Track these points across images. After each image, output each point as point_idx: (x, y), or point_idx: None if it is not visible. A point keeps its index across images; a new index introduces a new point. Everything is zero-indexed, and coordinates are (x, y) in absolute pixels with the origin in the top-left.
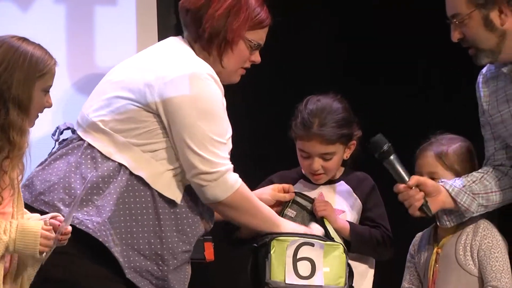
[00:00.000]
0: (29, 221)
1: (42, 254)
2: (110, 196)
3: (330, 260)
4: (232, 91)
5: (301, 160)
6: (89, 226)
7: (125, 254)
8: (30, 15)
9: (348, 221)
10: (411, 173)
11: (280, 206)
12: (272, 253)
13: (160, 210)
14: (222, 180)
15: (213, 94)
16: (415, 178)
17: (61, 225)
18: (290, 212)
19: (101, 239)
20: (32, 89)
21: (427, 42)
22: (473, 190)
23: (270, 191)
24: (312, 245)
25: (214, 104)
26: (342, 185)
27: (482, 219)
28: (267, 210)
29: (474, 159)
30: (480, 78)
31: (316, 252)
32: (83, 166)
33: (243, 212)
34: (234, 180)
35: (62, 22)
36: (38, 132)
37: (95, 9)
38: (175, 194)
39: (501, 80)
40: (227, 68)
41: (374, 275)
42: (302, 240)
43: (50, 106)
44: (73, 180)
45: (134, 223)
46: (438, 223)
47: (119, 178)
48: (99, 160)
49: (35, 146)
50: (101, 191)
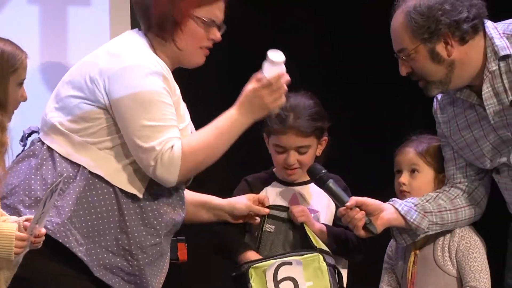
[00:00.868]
0: (3, 223)
1: (16, 256)
2: (70, 196)
3: (311, 273)
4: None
5: (275, 156)
6: (48, 227)
7: (92, 252)
8: (3, 16)
9: (324, 223)
10: (389, 169)
11: (253, 217)
12: (252, 282)
13: (123, 206)
14: (165, 161)
15: (153, 85)
16: (354, 199)
17: (34, 227)
18: (269, 227)
19: (60, 240)
20: (7, 85)
21: None
22: (425, 208)
23: (246, 202)
24: (290, 263)
25: (153, 94)
26: (314, 186)
27: None
28: (217, 129)
29: None
30: (436, 105)
31: (295, 269)
32: (44, 168)
33: (207, 157)
34: (175, 153)
35: (35, 23)
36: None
37: (69, 9)
38: (136, 188)
39: (458, 105)
40: (185, 50)
41: (348, 276)
42: (279, 261)
43: (25, 99)
44: (33, 182)
45: (98, 221)
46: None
47: (78, 178)
48: (58, 161)
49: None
50: (61, 192)
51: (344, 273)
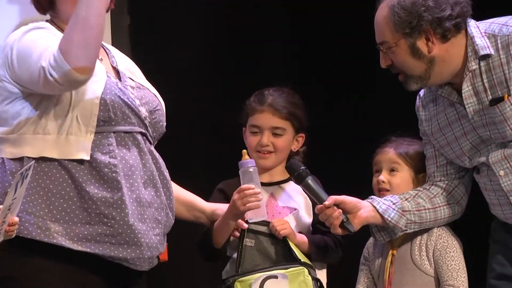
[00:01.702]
0: None
1: None
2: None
3: (296, 287)
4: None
5: (250, 139)
6: None
7: (68, 231)
8: None
9: (304, 234)
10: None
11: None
12: None
13: (76, 175)
14: (52, 62)
15: (34, 32)
16: (333, 198)
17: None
18: (249, 241)
19: (21, 235)
20: None
21: None
22: (403, 207)
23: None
24: (275, 277)
25: (31, 36)
26: (292, 184)
27: None
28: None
29: None
30: (418, 102)
31: (281, 283)
32: None
33: (81, 33)
34: (54, 50)
35: (15, 23)
36: None
37: None
38: (82, 152)
39: (440, 103)
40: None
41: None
42: (265, 274)
43: None
44: None
45: (59, 201)
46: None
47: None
48: (7, 163)
49: None
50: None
51: (323, 273)
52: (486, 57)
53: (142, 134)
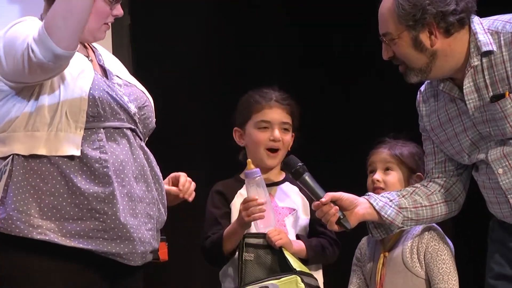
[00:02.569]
0: None
1: None
2: (9, 188)
3: None
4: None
5: (260, 135)
6: None
7: (61, 228)
8: None
9: (301, 240)
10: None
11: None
12: None
13: (67, 171)
14: (36, 40)
15: (18, 24)
16: (330, 195)
17: None
18: (248, 256)
19: (13, 233)
20: None
21: None
22: (400, 204)
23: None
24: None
25: (16, 27)
26: (288, 185)
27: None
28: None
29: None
30: (419, 97)
31: None
32: None
33: (67, 11)
34: (39, 29)
35: None
36: None
37: None
38: (72, 147)
39: (440, 99)
40: (90, 26)
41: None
42: (256, 286)
43: None
44: None
45: (49, 198)
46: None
47: (14, 169)
48: None
49: None
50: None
51: (319, 274)
52: (489, 53)
53: (132, 130)
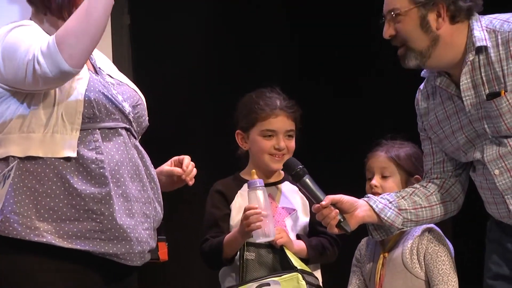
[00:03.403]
0: None
1: None
2: (7, 190)
3: None
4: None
5: (264, 143)
6: None
7: (58, 229)
8: None
9: (302, 240)
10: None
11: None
12: None
13: (63, 172)
14: (45, 53)
15: (18, 29)
16: (330, 198)
17: None
18: (250, 255)
19: (11, 235)
20: None
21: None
22: (399, 205)
23: (168, 169)
24: (268, 284)
25: (16, 33)
26: (287, 185)
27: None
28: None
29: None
30: (418, 95)
31: None
32: None
33: (81, 29)
34: (49, 41)
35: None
36: None
37: None
38: (68, 149)
39: (438, 97)
40: None
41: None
42: (256, 283)
43: None
44: None
45: (46, 199)
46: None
47: (11, 171)
48: None
49: None
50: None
51: (317, 273)
52: (483, 49)
53: (127, 129)
